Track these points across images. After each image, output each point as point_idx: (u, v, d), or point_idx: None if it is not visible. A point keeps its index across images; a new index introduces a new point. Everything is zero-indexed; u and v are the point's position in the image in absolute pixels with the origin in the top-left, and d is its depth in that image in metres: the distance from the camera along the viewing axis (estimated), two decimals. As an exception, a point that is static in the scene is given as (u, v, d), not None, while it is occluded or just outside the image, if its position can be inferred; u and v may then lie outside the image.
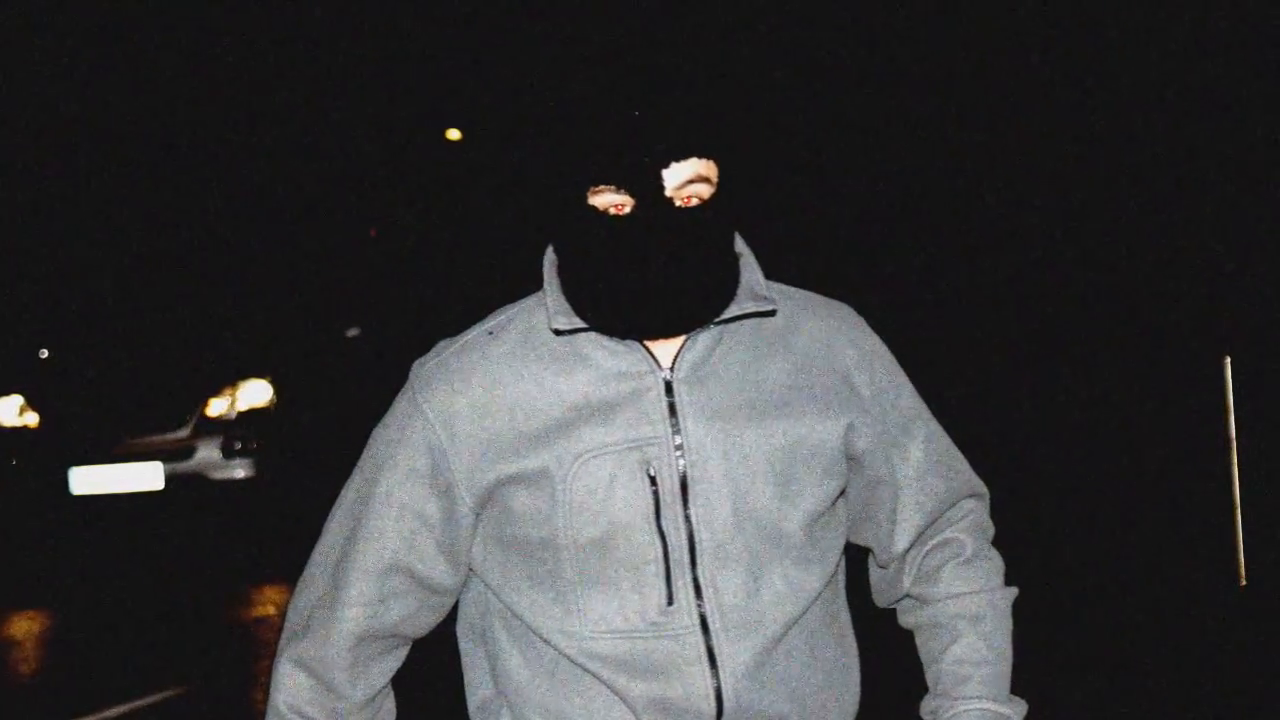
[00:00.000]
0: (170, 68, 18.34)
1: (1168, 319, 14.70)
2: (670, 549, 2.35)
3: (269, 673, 2.52)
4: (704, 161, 2.32)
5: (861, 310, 2.58)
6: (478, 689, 2.52)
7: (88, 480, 12.10)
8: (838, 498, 2.47)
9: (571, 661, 2.38)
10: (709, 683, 2.35)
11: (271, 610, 9.91)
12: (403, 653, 2.52)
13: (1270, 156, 14.87)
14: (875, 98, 18.56)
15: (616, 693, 2.37)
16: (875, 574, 2.63)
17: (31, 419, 12.46)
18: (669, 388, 2.37)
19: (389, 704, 2.54)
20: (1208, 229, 15.23)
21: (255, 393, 12.53)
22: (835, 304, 2.56)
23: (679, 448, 2.36)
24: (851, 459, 2.47)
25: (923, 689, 2.56)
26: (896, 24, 18.38)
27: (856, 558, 2.61)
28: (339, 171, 18.61)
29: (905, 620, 2.61)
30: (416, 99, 20.67)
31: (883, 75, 18.46)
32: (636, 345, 2.38)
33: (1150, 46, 16.08)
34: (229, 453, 12.24)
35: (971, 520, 2.57)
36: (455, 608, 2.54)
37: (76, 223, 16.80)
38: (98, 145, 17.97)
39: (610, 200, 2.31)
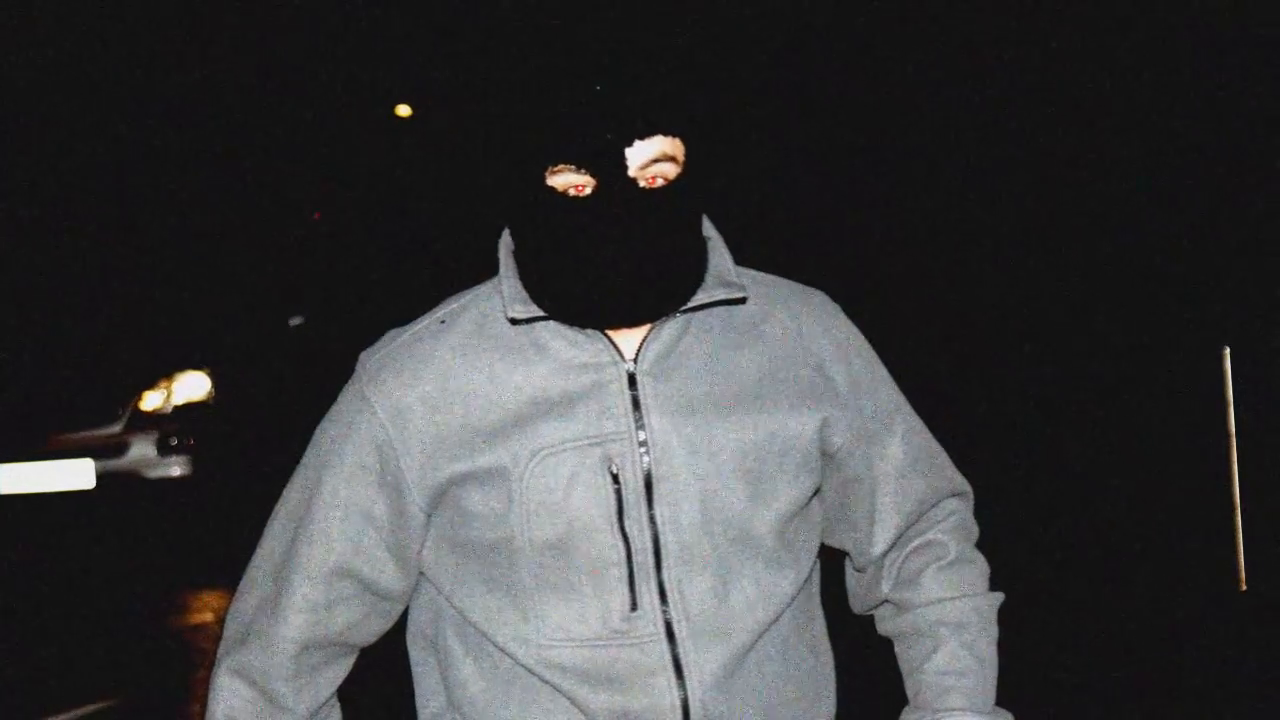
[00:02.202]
0: (98, 45, 18.25)
1: (1166, 310, 14.75)
2: (634, 551, 2.34)
3: (207, 683, 2.51)
4: (670, 140, 2.31)
5: (838, 298, 2.58)
6: (429, 700, 2.51)
7: (14, 478, 12.04)
8: (812, 497, 2.46)
9: (529, 671, 2.38)
10: (675, 694, 2.34)
11: (210, 616, 9.88)
12: (349, 662, 2.51)
13: (1270, 148, 14.93)
14: (856, 75, 18.56)
15: (576, 704, 2.37)
16: (852, 578, 2.63)
17: (-47, 413, 12.40)
18: (632, 380, 2.36)
19: (335, 716, 2.53)
20: (1207, 220, 15.28)
21: (192, 385, 12.49)
22: (810, 291, 2.56)
23: (643, 444, 2.35)
24: (826, 456, 2.47)
25: (902, 700, 2.57)
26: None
27: (832, 561, 2.61)
28: (280, 150, 18.55)
29: (884, 627, 2.60)
30: (363, 71, 20.60)
31: (868, 54, 18.46)
32: (598, 335, 2.37)
33: (1151, 39, 16.13)
34: (164, 449, 12.20)
35: (954, 521, 2.57)
36: (405, 614, 2.53)
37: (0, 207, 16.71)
38: (24, 129, 17.88)
39: (570, 180, 2.30)
